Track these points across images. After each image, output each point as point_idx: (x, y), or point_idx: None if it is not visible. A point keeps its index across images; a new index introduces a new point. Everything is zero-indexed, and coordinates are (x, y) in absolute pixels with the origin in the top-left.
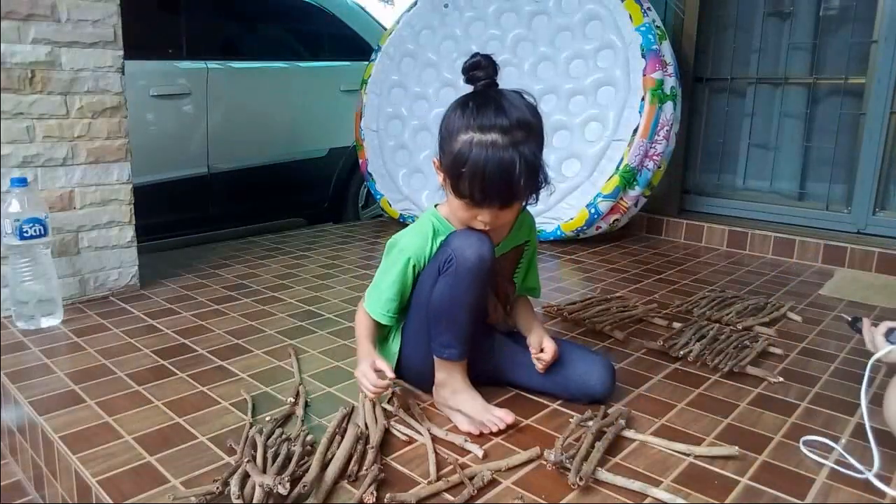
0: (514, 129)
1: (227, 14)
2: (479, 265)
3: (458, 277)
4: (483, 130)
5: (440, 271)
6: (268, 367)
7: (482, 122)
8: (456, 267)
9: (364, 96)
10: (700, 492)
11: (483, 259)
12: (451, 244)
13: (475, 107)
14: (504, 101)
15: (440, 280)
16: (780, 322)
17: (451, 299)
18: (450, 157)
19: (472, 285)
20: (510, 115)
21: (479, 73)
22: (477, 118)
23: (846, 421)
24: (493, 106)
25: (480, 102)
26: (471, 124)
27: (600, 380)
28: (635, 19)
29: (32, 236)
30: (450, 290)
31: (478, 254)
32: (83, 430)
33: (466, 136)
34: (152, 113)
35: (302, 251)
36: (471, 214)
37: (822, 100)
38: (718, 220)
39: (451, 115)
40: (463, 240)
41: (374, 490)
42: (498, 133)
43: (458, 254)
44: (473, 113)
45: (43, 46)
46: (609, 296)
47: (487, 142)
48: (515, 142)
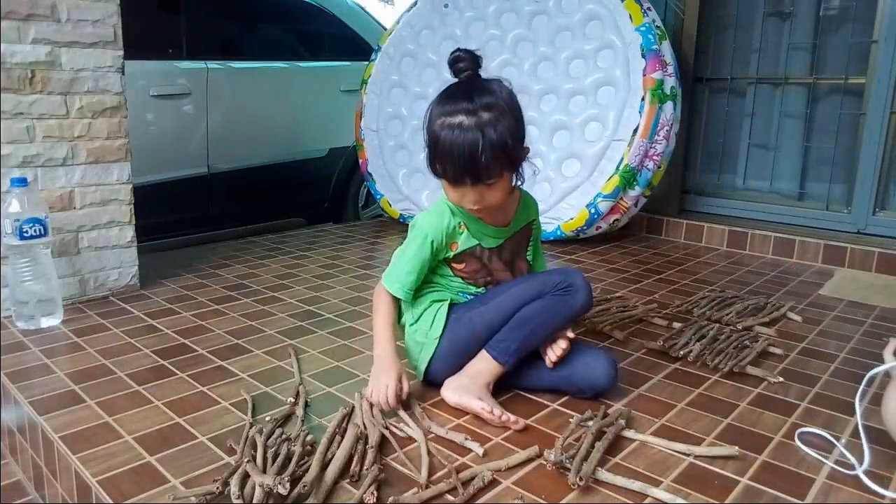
0: (479, 110)
1: (227, 14)
2: (585, 308)
3: (564, 308)
4: (451, 114)
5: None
6: (268, 367)
7: (451, 106)
8: (570, 296)
9: (364, 96)
10: (700, 492)
11: (588, 306)
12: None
13: (449, 94)
14: (475, 87)
15: (547, 298)
16: (780, 322)
17: (545, 321)
18: (427, 144)
19: (569, 319)
20: (477, 98)
21: (461, 64)
22: (447, 103)
23: (846, 421)
24: (463, 92)
25: (455, 90)
26: (443, 109)
27: (605, 372)
28: (635, 19)
29: (32, 236)
30: (551, 313)
31: (588, 300)
32: (83, 430)
33: (439, 120)
34: (152, 113)
35: (302, 251)
36: (457, 195)
37: (822, 100)
38: (718, 220)
39: (433, 105)
40: (584, 280)
41: (375, 490)
42: (463, 115)
43: (579, 288)
44: (446, 99)
45: (43, 46)
46: (609, 296)
47: (454, 123)
48: (480, 122)
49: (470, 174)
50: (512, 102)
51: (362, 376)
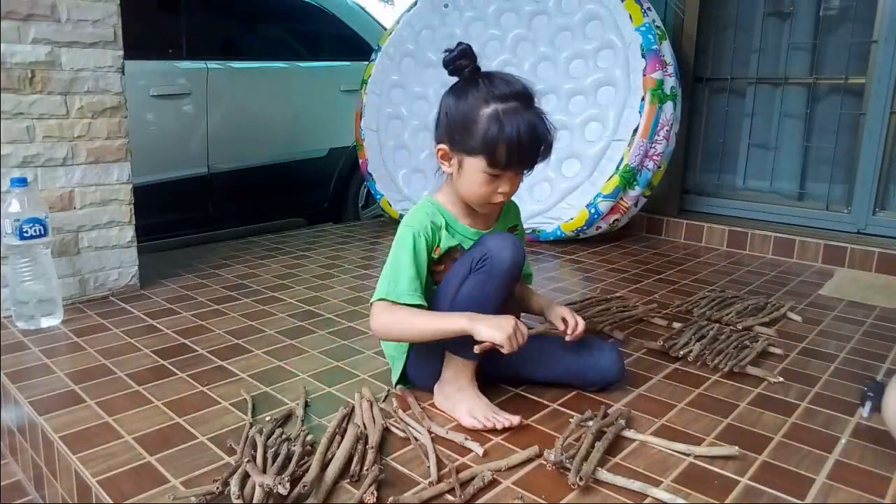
0: (524, 95)
1: (227, 14)
2: (513, 267)
3: (491, 277)
4: (503, 100)
5: (471, 269)
6: (268, 367)
7: (499, 93)
8: (491, 266)
9: (364, 96)
10: (700, 492)
11: (517, 263)
12: (487, 244)
13: (484, 84)
14: (502, 76)
15: (471, 278)
16: (780, 322)
17: (481, 298)
18: (480, 135)
19: (503, 286)
20: (516, 84)
21: (465, 61)
22: (492, 91)
23: (846, 421)
24: (498, 81)
25: (485, 81)
26: (488, 98)
27: (614, 364)
28: (635, 19)
29: (32, 236)
30: (481, 288)
31: (513, 257)
32: (83, 430)
33: (489, 109)
34: (152, 113)
35: (302, 251)
36: (492, 188)
37: (822, 100)
38: (718, 220)
39: (460, 103)
40: (499, 241)
41: (375, 490)
42: (515, 100)
43: (495, 254)
44: (487, 88)
45: (43, 46)
46: (609, 296)
47: (511, 109)
48: (530, 105)
49: (531, 158)
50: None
51: (362, 376)
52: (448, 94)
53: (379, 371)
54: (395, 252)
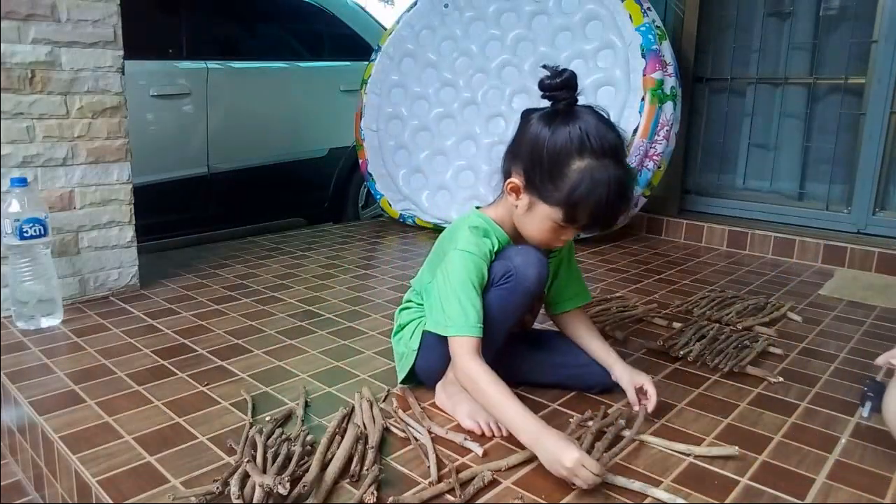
0: (618, 150)
1: (227, 14)
2: (537, 286)
3: (514, 294)
4: (598, 156)
5: (493, 283)
6: (268, 367)
7: (597, 146)
8: (515, 284)
9: (364, 96)
10: (700, 492)
11: (542, 280)
12: (514, 261)
13: (582, 130)
14: (597, 118)
15: (493, 291)
16: (780, 322)
17: (501, 312)
18: (566, 189)
19: (523, 302)
20: (611, 136)
21: (565, 92)
22: (588, 142)
23: (846, 421)
24: (593, 126)
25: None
26: (583, 151)
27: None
28: (635, 19)
29: (32, 236)
30: (502, 303)
31: (538, 275)
32: (83, 430)
33: (582, 163)
34: (152, 113)
35: (302, 251)
36: (556, 236)
37: (821, 100)
38: (718, 220)
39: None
40: (525, 257)
41: (375, 490)
42: (609, 158)
43: (521, 272)
44: (585, 137)
45: (43, 46)
46: (609, 296)
47: (604, 168)
48: (621, 163)
49: (613, 222)
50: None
51: (362, 376)
52: (538, 123)
53: (379, 371)
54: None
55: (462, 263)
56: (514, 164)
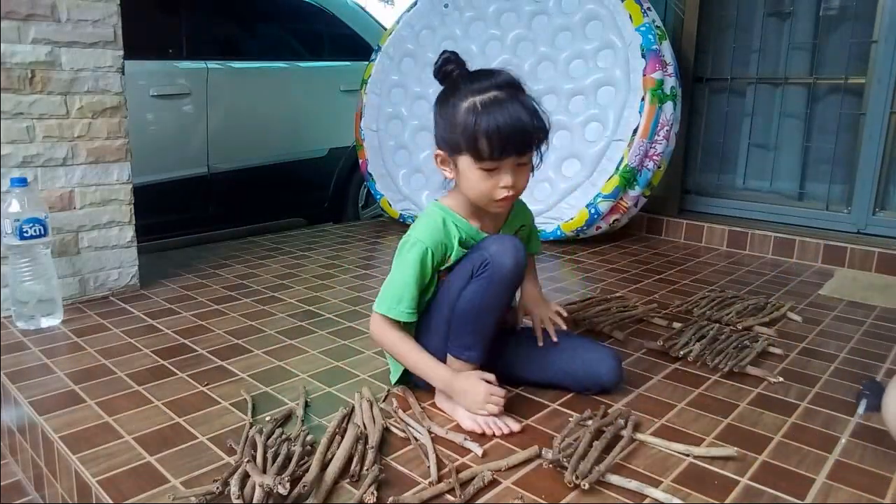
0: (506, 85)
1: (227, 14)
2: (515, 272)
3: (493, 282)
4: (481, 92)
5: (473, 274)
6: (268, 367)
7: (477, 87)
8: (491, 272)
9: (364, 96)
10: (700, 492)
11: (519, 266)
12: (489, 249)
13: (464, 81)
14: (485, 70)
15: (473, 283)
16: (780, 322)
17: (483, 303)
18: (460, 131)
19: (506, 291)
20: (498, 76)
21: (451, 66)
22: (471, 86)
23: (846, 421)
24: (477, 75)
25: (465, 77)
26: (467, 94)
27: (609, 368)
28: (635, 19)
29: (32, 236)
30: (482, 293)
31: (515, 260)
32: (83, 430)
33: (468, 103)
34: (152, 113)
35: (302, 251)
36: (493, 183)
37: (822, 100)
38: (718, 220)
39: (443, 105)
40: (500, 245)
41: (375, 490)
42: (495, 90)
43: (496, 259)
44: (466, 85)
45: (43, 46)
46: (609, 296)
47: (490, 98)
48: (512, 94)
49: (519, 144)
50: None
51: (362, 376)
52: (438, 99)
53: (379, 371)
54: (402, 265)
55: (409, 252)
56: (435, 143)
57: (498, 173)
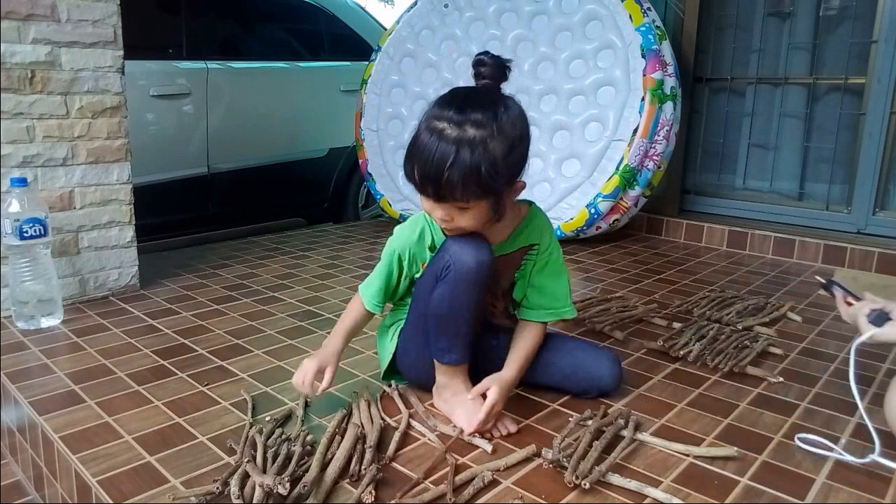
0: (467, 124)
1: (227, 14)
2: (477, 271)
3: (456, 284)
4: (438, 118)
5: (438, 277)
6: (268, 367)
7: (442, 111)
8: (454, 273)
9: (364, 96)
10: (700, 492)
11: (482, 264)
12: (449, 250)
13: (449, 97)
14: (478, 99)
15: (438, 286)
16: (780, 322)
17: (450, 306)
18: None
19: (471, 291)
20: (472, 112)
21: (483, 69)
22: (441, 105)
23: (846, 421)
24: (462, 99)
25: (456, 95)
26: (434, 111)
27: (609, 371)
28: (635, 19)
29: (32, 236)
30: (448, 296)
31: (476, 260)
32: (83, 430)
33: (426, 120)
34: (152, 113)
35: (302, 251)
36: (427, 205)
37: (821, 99)
38: (718, 220)
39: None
40: (461, 245)
41: (373, 490)
42: (447, 123)
43: (456, 259)
44: (442, 101)
45: (43, 46)
46: (609, 296)
47: (436, 128)
48: (462, 137)
49: (432, 187)
50: (512, 130)
51: (362, 376)
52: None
53: (379, 371)
54: (382, 259)
55: (385, 250)
56: None
57: (427, 201)
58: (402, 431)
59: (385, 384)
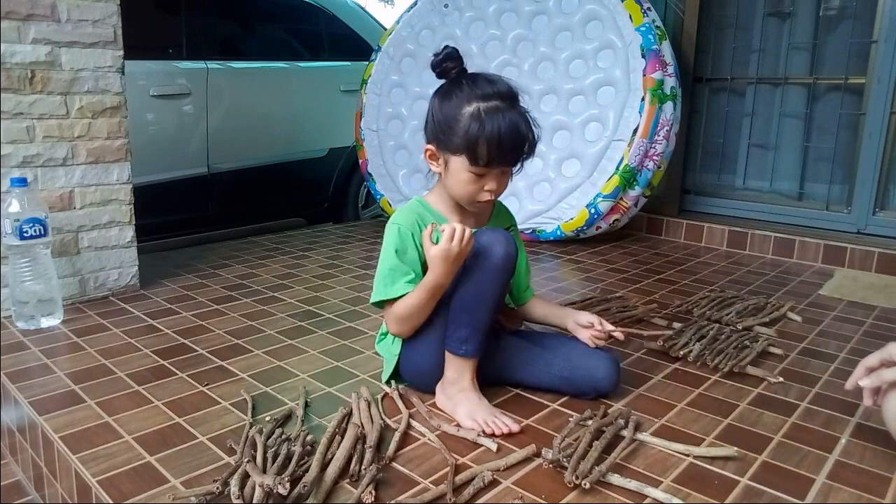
0: (507, 95)
1: (227, 14)
2: (506, 261)
3: (486, 273)
4: (485, 99)
5: (465, 266)
6: (268, 367)
7: (481, 93)
8: (484, 263)
9: (364, 96)
10: (700, 492)
11: (510, 256)
12: (479, 240)
13: (467, 85)
14: (486, 76)
15: (465, 275)
16: (780, 322)
17: (477, 294)
18: (461, 133)
19: (499, 281)
20: (500, 84)
21: (451, 63)
22: (475, 91)
23: (846, 421)
24: (481, 81)
25: (468, 81)
26: (471, 98)
27: (607, 373)
28: (635, 19)
29: (32, 236)
30: (476, 285)
31: (506, 250)
32: (83, 430)
33: (471, 107)
34: (152, 113)
35: (302, 251)
36: (478, 186)
37: (821, 99)
38: (718, 220)
39: (444, 103)
40: (491, 236)
41: (373, 490)
42: (497, 99)
43: (488, 250)
44: (470, 89)
45: (43, 46)
46: (609, 296)
47: (493, 107)
48: (513, 104)
49: (515, 153)
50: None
51: (362, 376)
52: (434, 95)
53: (379, 371)
54: (385, 251)
55: (387, 236)
56: (426, 138)
57: (485, 178)
58: (402, 431)
59: (386, 385)
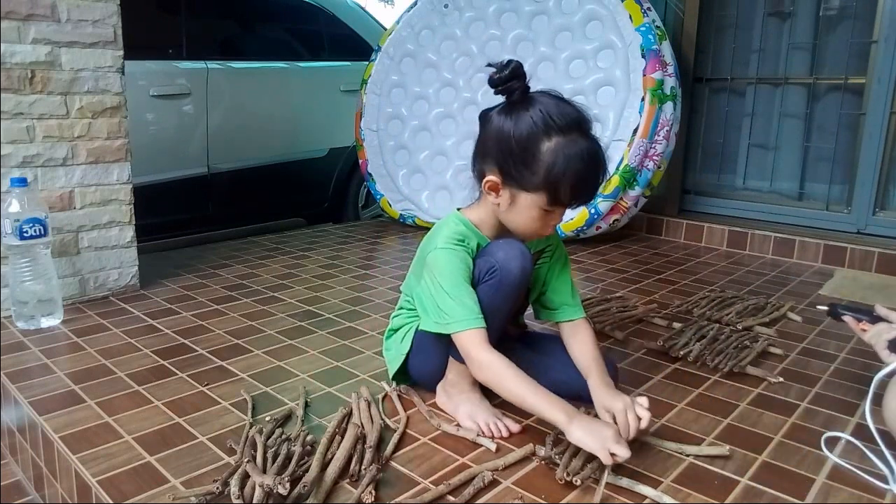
0: (583, 123)
1: (227, 14)
2: (521, 278)
3: (500, 288)
4: (564, 133)
5: (479, 280)
6: (268, 367)
7: (558, 123)
8: (500, 278)
9: (364, 96)
10: (700, 492)
11: (526, 273)
12: (495, 255)
13: (541, 111)
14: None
15: (480, 288)
16: (780, 322)
17: (489, 308)
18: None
19: (512, 296)
20: (573, 110)
21: (517, 82)
22: (552, 121)
23: (846, 421)
24: (553, 106)
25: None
26: (549, 131)
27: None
28: (635, 19)
29: (32, 236)
30: (489, 299)
31: (521, 267)
32: (83, 430)
33: (551, 143)
34: (152, 113)
35: (302, 251)
36: (545, 222)
37: (822, 100)
38: (718, 220)
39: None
40: (507, 251)
41: (373, 490)
42: (576, 132)
43: (504, 265)
44: (543, 116)
45: (43, 46)
46: (609, 296)
47: (573, 142)
48: (588, 134)
49: (594, 194)
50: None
51: (362, 376)
52: (499, 117)
53: (379, 371)
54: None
55: (446, 259)
56: (485, 163)
57: (554, 214)
58: (401, 431)
59: (388, 385)
